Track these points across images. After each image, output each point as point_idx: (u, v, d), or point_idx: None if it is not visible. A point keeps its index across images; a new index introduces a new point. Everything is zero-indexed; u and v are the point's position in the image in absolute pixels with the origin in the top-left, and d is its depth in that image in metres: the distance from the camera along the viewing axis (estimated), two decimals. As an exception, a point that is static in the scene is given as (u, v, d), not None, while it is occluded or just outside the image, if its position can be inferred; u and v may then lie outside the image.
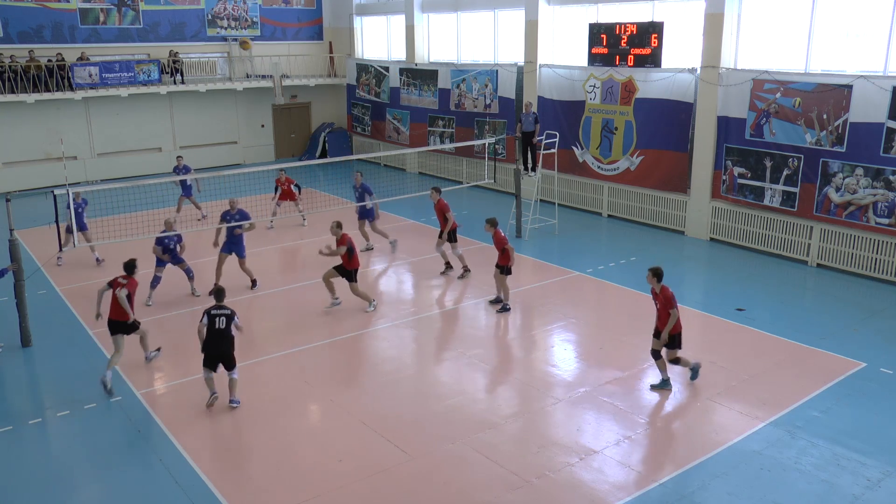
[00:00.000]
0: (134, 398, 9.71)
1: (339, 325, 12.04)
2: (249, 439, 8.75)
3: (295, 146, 28.22)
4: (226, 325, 9.35)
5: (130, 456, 8.45)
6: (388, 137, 25.69)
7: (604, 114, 18.31)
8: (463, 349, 11.16)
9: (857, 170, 13.71)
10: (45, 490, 7.89)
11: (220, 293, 9.70)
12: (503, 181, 19.20)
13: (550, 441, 8.62)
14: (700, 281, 14.65)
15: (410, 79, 24.30)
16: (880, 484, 7.73)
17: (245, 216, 13.42)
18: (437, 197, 14.15)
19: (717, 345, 11.20)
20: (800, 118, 14.42)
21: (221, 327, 9.31)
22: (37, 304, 12.56)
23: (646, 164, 17.57)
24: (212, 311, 9.37)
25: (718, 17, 15.50)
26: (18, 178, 22.02)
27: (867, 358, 10.58)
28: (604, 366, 10.50)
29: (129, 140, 24.49)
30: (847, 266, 14.29)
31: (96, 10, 23.72)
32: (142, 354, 10.80)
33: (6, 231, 11.31)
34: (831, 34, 14.46)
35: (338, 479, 7.90)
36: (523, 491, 7.67)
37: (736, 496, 7.55)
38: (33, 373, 10.75)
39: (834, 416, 9.05)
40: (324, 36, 28.49)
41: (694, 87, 16.31)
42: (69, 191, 12.03)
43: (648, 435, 8.71)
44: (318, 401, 9.70)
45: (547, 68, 19.51)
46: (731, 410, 9.21)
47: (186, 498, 7.64)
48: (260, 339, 11.77)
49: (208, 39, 25.94)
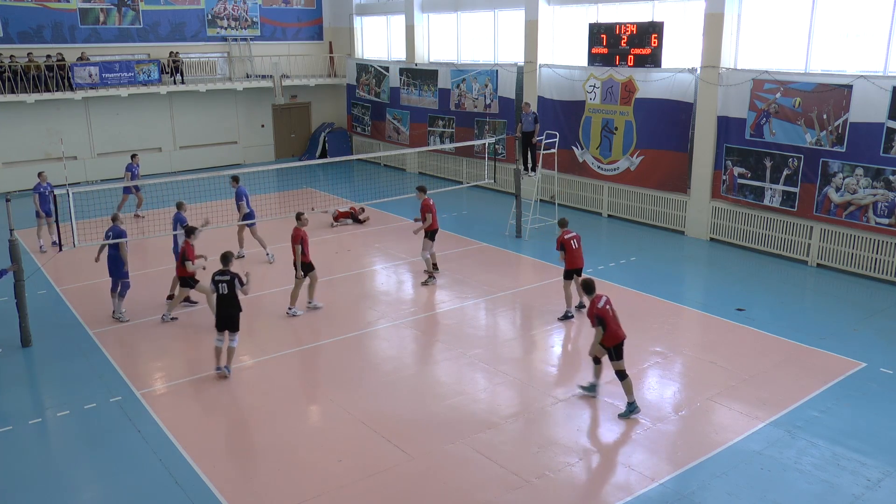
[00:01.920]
0: (134, 398, 9.71)
1: (339, 326, 12.04)
2: (249, 439, 8.75)
3: (295, 146, 28.22)
4: (227, 289, 9.94)
5: (130, 456, 8.44)
6: (388, 137, 25.69)
7: (604, 114, 18.31)
8: (463, 349, 11.16)
9: (857, 170, 13.71)
10: (45, 490, 7.88)
11: (226, 257, 10.18)
12: (503, 181, 19.21)
13: (550, 441, 8.61)
14: (700, 281, 14.65)
15: (410, 79, 24.30)
16: (880, 484, 7.73)
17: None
18: (422, 196, 13.84)
19: (717, 345, 11.19)
20: (800, 118, 14.42)
21: (224, 292, 9.94)
22: (37, 304, 12.57)
23: (646, 164, 17.57)
24: (215, 277, 10.02)
25: (718, 17, 15.50)
26: (18, 178, 22.00)
27: (867, 358, 10.58)
28: (604, 366, 10.48)
29: (129, 140, 24.48)
30: (847, 266, 14.29)
31: (96, 10, 23.72)
32: (142, 356, 10.83)
33: (6, 231, 11.31)
34: (831, 34, 14.46)
35: (338, 479, 7.90)
36: (523, 491, 7.67)
37: (736, 496, 7.55)
38: (33, 373, 10.75)
39: (834, 416, 9.05)
40: (324, 36, 28.49)
41: (694, 87, 16.31)
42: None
43: (648, 435, 8.71)
44: (318, 401, 9.70)
45: (547, 68, 19.51)
46: (731, 410, 9.21)
47: (186, 498, 7.64)
48: (260, 338, 11.78)
49: (208, 39, 25.94)
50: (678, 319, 12.35)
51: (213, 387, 10.03)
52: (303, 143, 28.36)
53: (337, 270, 14.80)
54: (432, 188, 20.08)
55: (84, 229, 14.95)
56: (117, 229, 12.27)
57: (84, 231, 14.65)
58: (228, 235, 15.68)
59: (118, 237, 12.16)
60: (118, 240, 12.13)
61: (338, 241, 17.04)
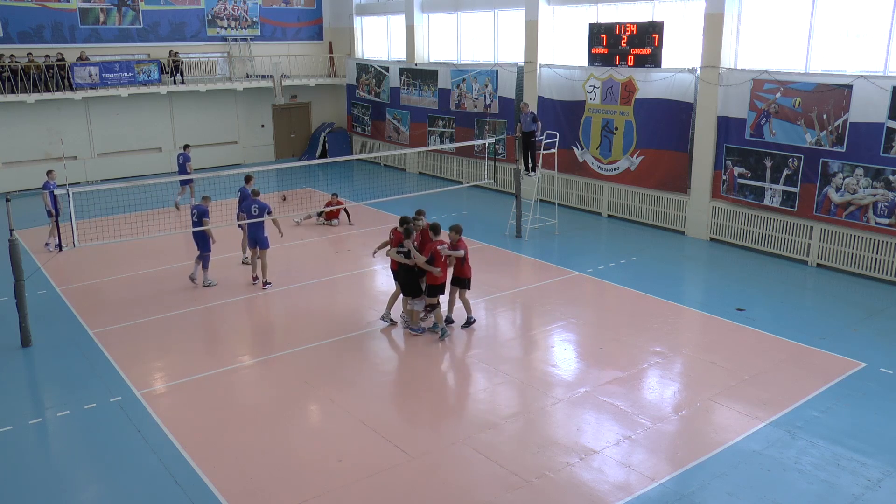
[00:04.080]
0: (134, 398, 9.71)
1: (339, 325, 12.04)
2: (249, 439, 8.75)
3: (295, 146, 28.22)
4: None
5: (130, 456, 8.44)
6: (388, 137, 25.69)
7: (604, 114, 18.31)
8: (463, 349, 11.16)
9: (857, 170, 13.71)
10: (45, 490, 7.88)
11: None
12: (503, 181, 19.21)
13: (550, 441, 8.61)
14: (700, 281, 14.65)
15: (410, 79, 24.30)
16: (880, 484, 7.73)
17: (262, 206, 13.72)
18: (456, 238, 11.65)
19: (717, 345, 11.19)
20: (800, 118, 14.42)
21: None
22: (37, 304, 12.57)
23: (646, 164, 17.57)
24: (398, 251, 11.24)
25: (718, 17, 15.50)
26: (18, 178, 22.01)
27: (867, 358, 10.58)
28: (604, 366, 10.50)
29: (129, 140, 24.50)
30: (847, 266, 14.29)
31: (96, 10, 23.72)
32: (142, 356, 10.85)
33: (6, 231, 11.31)
34: (831, 34, 14.46)
35: (338, 479, 7.90)
36: (523, 491, 7.67)
37: (736, 496, 7.55)
38: (33, 373, 10.75)
39: (834, 416, 9.05)
40: (324, 36, 28.49)
41: (694, 87, 16.31)
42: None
43: (648, 435, 8.71)
44: (318, 401, 9.70)
45: (547, 68, 19.51)
46: (731, 410, 9.21)
47: (186, 498, 7.64)
48: (260, 338, 11.78)
49: (208, 39, 25.93)
50: (678, 319, 12.35)
51: (213, 387, 10.03)
52: (303, 143, 28.36)
53: (337, 270, 14.81)
54: (432, 188, 20.17)
55: (84, 229, 14.98)
56: (202, 208, 13.64)
57: (84, 231, 14.68)
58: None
59: (202, 216, 13.52)
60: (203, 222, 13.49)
61: (337, 241, 17.05)
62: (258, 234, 13.53)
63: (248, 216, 13.63)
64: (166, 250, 16.09)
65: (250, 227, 13.69)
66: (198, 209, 13.61)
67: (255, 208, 13.52)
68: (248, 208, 13.65)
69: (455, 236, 11.45)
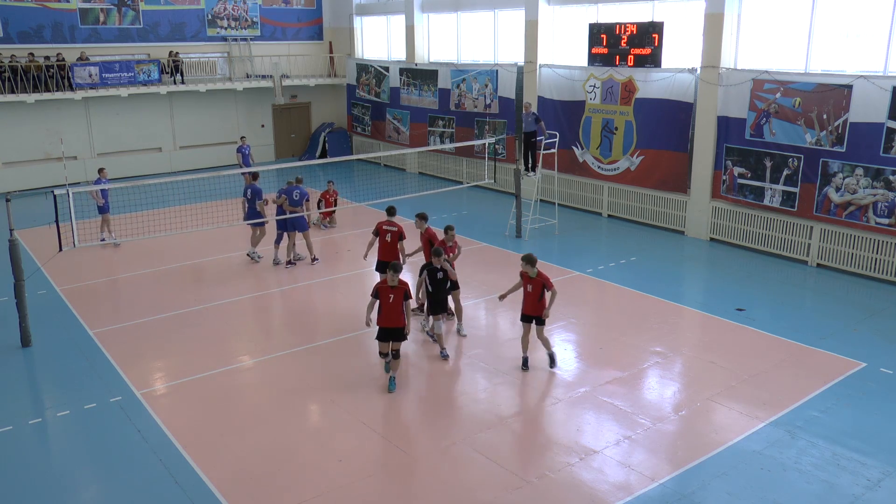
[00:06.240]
0: (134, 398, 9.71)
1: (339, 325, 12.04)
2: (249, 439, 8.75)
3: (295, 146, 28.22)
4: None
5: (130, 456, 8.44)
6: (388, 137, 25.69)
7: (604, 114, 18.31)
8: (463, 349, 11.15)
9: (857, 170, 13.71)
10: (45, 490, 7.88)
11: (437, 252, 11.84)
12: (503, 181, 19.20)
13: (550, 441, 8.62)
14: (700, 281, 14.65)
15: (410, 79, 24.30)
16: (880, 484, 7.73)
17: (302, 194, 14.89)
18: (423, 226, 12.08)
19: (717, 345, 11.19)
20: (800, 118, 14.43)
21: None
22: (37, 304, 12.57)
23: (646, 164, 17.57)
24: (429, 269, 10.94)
25: (718, 17, 15.50)
26: (18, 178, 22.03)
27: (867, 358, 10.58)
28: (604, 366, 10.50)
29: (129, 140, 24.51)
30: (847, 266, 14.29)
31: (96, 10, 23.73)
32: (142, 356, 10.84)
33: (6, 231, 11.31)
34: (831, 34, 14.46)
35: (338, 479, 7.90)
36: (523, 491, 7.67)
37: (736, 496, 7.55)
38: (33, 373, 10.75)
39: (834, 416, 9.05)
40: (324, 36, 28.49)
41: (694, 87, 16.31)
42: (68, 190, 12.02)
43: (648, 435, 8.71)
44: (318, 401, 9.70)
45: (547, 68, 19.51)
46: (731, 410, 9.21)
47: (186, 498, 7.64)
48: (261, 338, 11.78)
49: (208, 39, 25.95)
50: (678, 319, 12.35)
51: (213, 387, 10.03)
52: (303, 143, 28.36)
53: (337, 270, 14.81)
54: (432, 188, 20.16)
55: (84, 229, 14.99)
56: (255, 187, 14.72)
57: (84, 231, 14.70)
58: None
59: (256, 194, 14.67)
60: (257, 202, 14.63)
61: (339, 241, 17.04)
62: (298, 219, 14.66)
63: (289, 201, 14.60)
64: (166, 250, 16.09)
65: (291, 213, 14.63)
66: (252, 188, 14.60)
67: (297, 193, 14.64)
68: (290, 192, 14.66)
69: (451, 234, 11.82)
